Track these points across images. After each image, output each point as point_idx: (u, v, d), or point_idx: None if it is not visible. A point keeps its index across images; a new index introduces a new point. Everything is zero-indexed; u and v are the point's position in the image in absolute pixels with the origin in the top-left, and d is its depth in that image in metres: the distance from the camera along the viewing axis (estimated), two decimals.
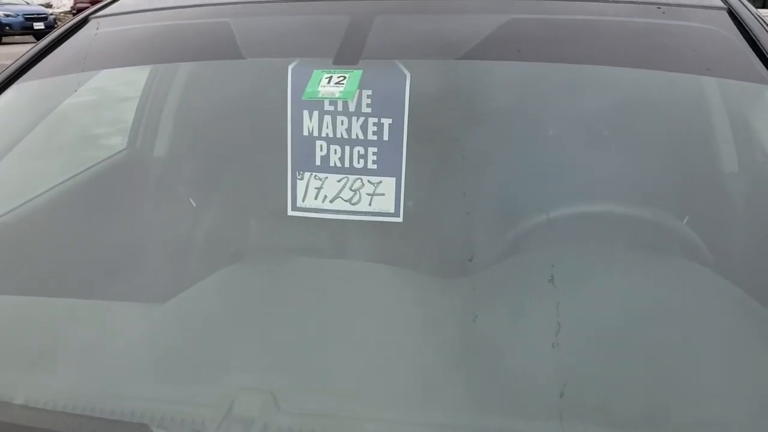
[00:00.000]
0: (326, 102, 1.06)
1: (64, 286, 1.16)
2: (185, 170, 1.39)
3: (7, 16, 17.79)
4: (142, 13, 1.38)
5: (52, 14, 19.32)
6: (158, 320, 1.05)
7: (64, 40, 1.33)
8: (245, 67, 1.25)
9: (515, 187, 1.14)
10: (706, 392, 0.85)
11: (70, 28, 1.36)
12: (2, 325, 1.08)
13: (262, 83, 1.25)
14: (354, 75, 1.07)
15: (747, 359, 0.89)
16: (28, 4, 19.67)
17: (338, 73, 1.07)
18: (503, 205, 1.14)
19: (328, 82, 1.06)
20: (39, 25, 18.25)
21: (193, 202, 1.32)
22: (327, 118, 1.08)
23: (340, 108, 1.07)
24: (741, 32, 1.11)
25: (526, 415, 0.83)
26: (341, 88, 1.05)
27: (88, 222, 1.35)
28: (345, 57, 1.11)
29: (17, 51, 16.00)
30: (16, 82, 1.25)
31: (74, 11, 22.17)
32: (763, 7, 15.75)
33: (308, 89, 1.06)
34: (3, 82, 1.24)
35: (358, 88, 1.06)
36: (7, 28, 17.80)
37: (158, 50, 1.32)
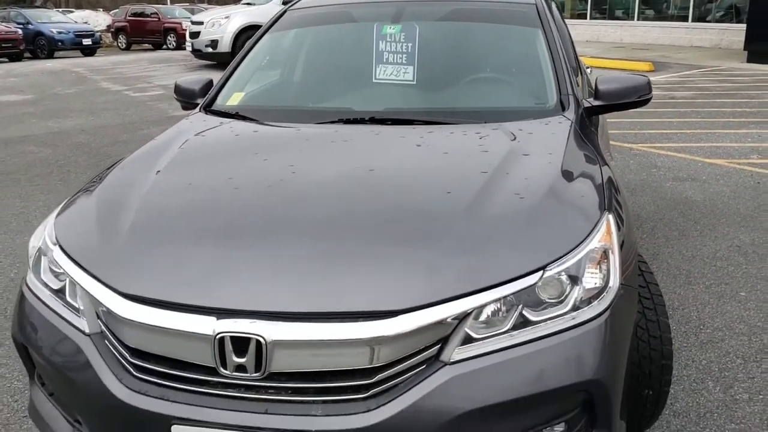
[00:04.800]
0: (388, 35, 3.02)
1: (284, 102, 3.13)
2: (319, 65, 3.38)
3: (60, 33, 20.00)
4: (312, 9, 3.38)
5: (98, 32, 21.53)
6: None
7: (281, 18, 3.32)
8: (356, 26, 3.25)
9: (453, 64, 3.10)
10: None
11: (281, 13, 3.36)
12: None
13: (364, 31, 3.20)
14: (398, 26, 3.03)
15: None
16: (76, 23, 21.91)
17: (393, 25, 3.03)
18: (451, 69, 3.09)
19: (390, 29, 3.03)
20: (87, 41, 20.34)
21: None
22: (389, 43, 3.03)
23: (393, 39, 3.02)
24: (538, 14, 3.09)
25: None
26: (394, 30, 3.01)
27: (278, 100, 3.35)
28: (395, 20, 3.07)
29: (68, 61, 17.81)
30: (267, 33, 3.25)
31: (112, 29, 24.50)
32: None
33: (383, 31, 3.03)
34: (262, 33, 3.23)
35: (400, 31, 3.02)
36: (60, 43, 19.96)
37: (319, 20, 3.34)
